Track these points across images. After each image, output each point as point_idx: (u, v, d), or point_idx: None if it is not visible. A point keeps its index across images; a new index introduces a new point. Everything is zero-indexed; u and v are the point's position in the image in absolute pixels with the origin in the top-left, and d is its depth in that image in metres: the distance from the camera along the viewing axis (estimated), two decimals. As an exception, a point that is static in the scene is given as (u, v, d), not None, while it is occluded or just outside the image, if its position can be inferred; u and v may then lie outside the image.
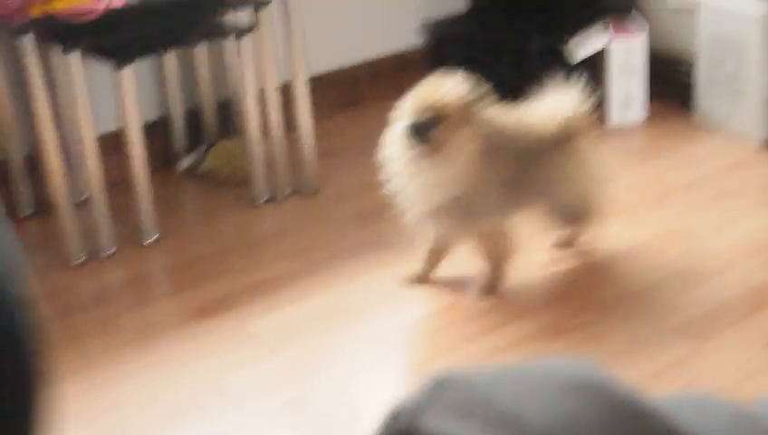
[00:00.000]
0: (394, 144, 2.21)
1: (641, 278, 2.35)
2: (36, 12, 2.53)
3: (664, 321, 2.17)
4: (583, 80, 2.35)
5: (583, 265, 2.42)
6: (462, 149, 2.13)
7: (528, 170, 2.23)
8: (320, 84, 3.12)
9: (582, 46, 3.23)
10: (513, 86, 3.31)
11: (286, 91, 2.88)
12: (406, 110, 2.17)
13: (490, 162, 2.17)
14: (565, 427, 0.59)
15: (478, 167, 2.16)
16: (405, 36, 3.66)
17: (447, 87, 2.16)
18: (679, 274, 2.35)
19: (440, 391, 0.62)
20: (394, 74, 3.41)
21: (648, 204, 2.69)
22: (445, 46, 3.61)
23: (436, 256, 2.36)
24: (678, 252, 2.44)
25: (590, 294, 2.30)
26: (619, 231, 2.55)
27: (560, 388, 0.61)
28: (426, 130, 2.11)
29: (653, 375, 1.99)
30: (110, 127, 2.85)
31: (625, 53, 3.13)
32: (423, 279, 2.36)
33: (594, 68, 3.31)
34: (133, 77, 2.58)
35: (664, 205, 2.68)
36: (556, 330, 2.16)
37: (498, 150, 2.18)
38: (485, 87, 2.21)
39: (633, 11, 3.29)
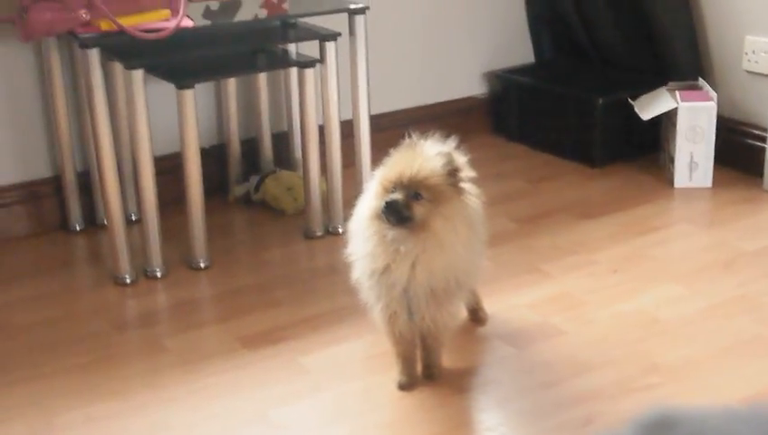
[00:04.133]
0: (364, 222, 1.95)
1: (708, 345, 2.24)
2: (105, 26, 2.49)
3: (730, 390, 2.07)
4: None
5: (644, 327, 2.33)
6: (450, 225, 1.89)
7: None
8: (377, 123, 3.06)
9: (650, 106, 3.17)
10: (579, 139, 3.28)
11: (345, 127, 2.82)
12: (380, 185, 1.91)
13: (475, 233, 1.98)
14: None
15: (468, 240, 1.95)
16: (468, 85, 3.61)
17: (425, 158, 1.89)
18: (747, 342, 2.25)
19: (664, 431, 0.54)
20: (454, 119, 3.35)
21: (715, 270, 2.60)
22: (510, 96, 3.56)
23: (411, 353, 2.08)
24: (747, 320, 2.34)
25: (655, 357, 2.20)
26: (683, 295, 2.46)
27: None
28: (407, 208, 1.86)
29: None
30: (167, 149, 2.81)
31: (693, 116, 3.06)
32: (414, 384, 2.08)
33: (663, 129, 3.25)
34: (194, 100, 2.53)
35: (731, 272, 2.59)
36: (621, 390, 2.07)
37: (478, 219, 1.99)
38: (460, 153, 1.96)
39: (700, 78, 3.23)
